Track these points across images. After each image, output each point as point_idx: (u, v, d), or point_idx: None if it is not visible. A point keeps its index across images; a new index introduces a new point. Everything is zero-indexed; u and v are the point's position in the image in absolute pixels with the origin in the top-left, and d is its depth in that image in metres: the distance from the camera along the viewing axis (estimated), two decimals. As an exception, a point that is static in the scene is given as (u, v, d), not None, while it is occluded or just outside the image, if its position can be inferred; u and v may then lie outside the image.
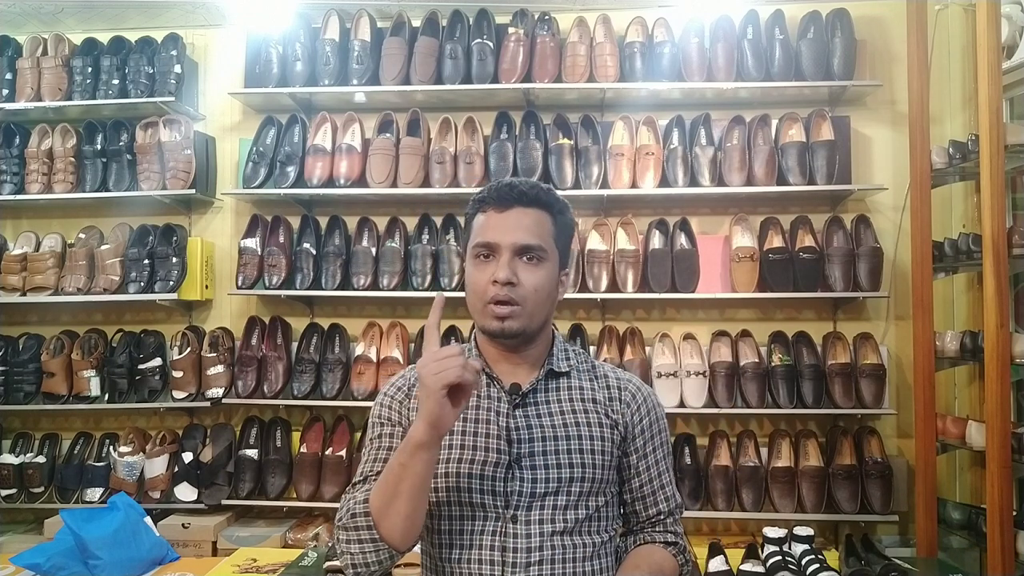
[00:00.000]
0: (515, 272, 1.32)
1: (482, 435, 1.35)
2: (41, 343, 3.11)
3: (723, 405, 2.79)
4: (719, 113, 2.97)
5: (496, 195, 1.37)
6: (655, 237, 2.94)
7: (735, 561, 2.48)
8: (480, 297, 1.34)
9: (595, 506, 1.36)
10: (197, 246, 3.07)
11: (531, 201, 1.36)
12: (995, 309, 2.31)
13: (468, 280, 1.38)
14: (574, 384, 1.42)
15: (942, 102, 2.96)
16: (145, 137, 3.07)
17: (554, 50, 2.92)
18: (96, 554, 2.35)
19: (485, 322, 1.34)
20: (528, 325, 1.34)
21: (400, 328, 2.99)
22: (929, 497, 2.63)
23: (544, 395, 1.39)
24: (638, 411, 1.42)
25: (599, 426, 1.38)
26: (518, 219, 1.35)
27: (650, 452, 1.43)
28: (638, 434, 1.42)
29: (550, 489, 1.32)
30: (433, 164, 2.92)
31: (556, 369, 1.41)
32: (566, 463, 1.34)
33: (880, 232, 2.89)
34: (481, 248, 1.35)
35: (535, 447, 1.34)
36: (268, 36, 3.03)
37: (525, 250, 1.33)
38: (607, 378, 1.44)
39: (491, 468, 1.33)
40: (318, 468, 2.91)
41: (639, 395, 1.43)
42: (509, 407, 1.37)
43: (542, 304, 1.35)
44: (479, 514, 1.33)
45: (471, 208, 1.42)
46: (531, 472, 1.32)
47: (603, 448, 1.37)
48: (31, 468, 2.99)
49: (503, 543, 1.31)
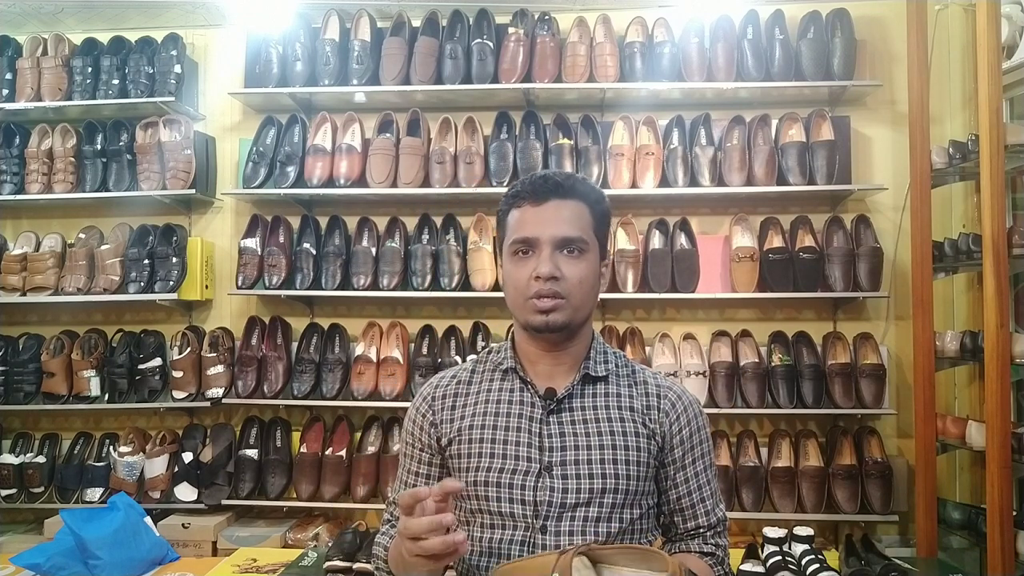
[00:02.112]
0: (557, 265, 1.27)
1: (513, 443, 1.30)
2: (41, 343, 3.11)
3: (723, 405, 2.79)
4: (719, 113, 2.97)
5: (531, 188, 1.31)
6: (655, 237, 2.94)
7: (735, 561, 2.48)
8: (522, 294, 1.29)
9: (629, 519, 1.30)
10: (197, 246, 3.07)
11: (568, 192, 1.31)
12: (995, 309, 2.31)
13: (507, 278, 1.33)
14: (611, 390, 1.36)
15: (942, 102, 2.96)
16: (145, 137, 3.07)
17: (554, 50, 2.91)
18: (96, 554, 2.35)
19: (528, 317, 1.29)
20: (573, 318, 1.30)
21: (400, 328, 2.99)
22: (929, 497, 2.63)
23: (580, 400, 1.34)
24: (677, 420, 1.35)
25: (635, 435, 1.32)
26: (556, 211, 1.30)
27: (689, 464, 1.36)
28: (676, 444, 1.34)
29: (581, 500, 1.27)
30: (433, 164, 2.92)
31: (593, 374, 1.35)
32: (599, 473, 1.28)
33: (880, 232, 2.89)
34: (520, 244, 1.30)
35: (567, 456, 1.29)
36: (268, 36, 3.03)
37: (566, 243, 1.29)
38: (647, 384, 1.37)
39: (520, 476, 1.28)
40: (318, 468, 2.91)
41: (679, 404, 1.36)
42: (543, 413, 1.32)
43: (587, 297, 1.31)
44: (508, 523, 1.29)
45: (504, 204, 1.36)
46: (562, 481, 1.27)
47: (639, 459, 1.31)
48: (31, 468, 2.99)
49: (532, 553, 1.26)
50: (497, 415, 1.33)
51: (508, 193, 1.36)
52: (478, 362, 1.43)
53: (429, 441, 1.38)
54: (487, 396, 1.36)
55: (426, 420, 1.39)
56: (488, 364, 1.41)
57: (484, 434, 1.32)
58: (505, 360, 1.38)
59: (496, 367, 1.39)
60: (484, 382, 1.39)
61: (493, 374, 1.39)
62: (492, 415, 1.34)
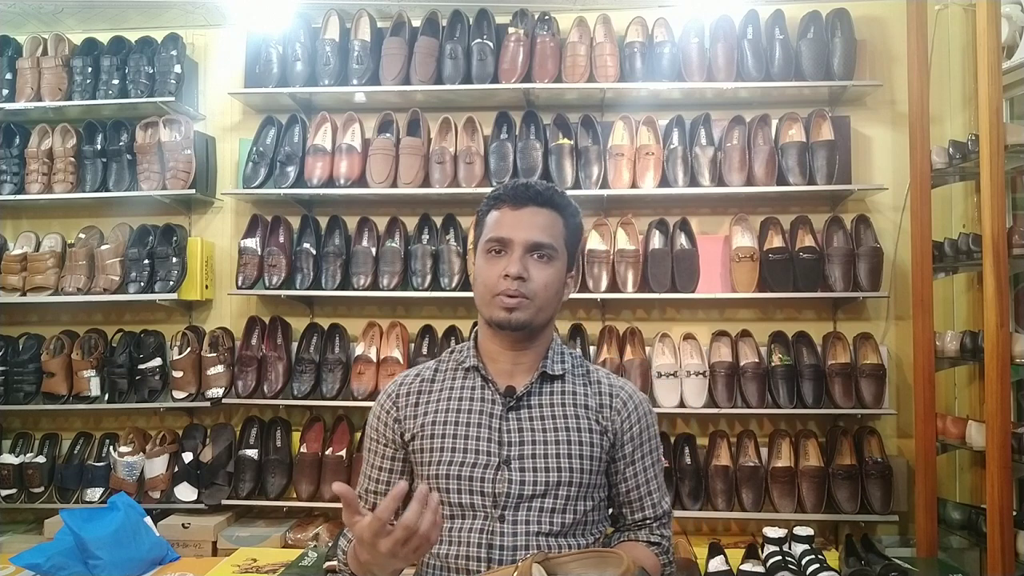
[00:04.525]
0: (526, 268, 1.36)
1: (473, 438, 1.38)
2: (41, 343, 3.11)
3: (723, 405, 2.79)
4: (719, 113, 2.97)
5: (512, 193, 1.40)
6: (655, 237, 2.94)
7: (735, 561, 2.48)
8: (490, 290, 1.37)
9: (583, 510, 1.39)
10: (197, 246, 3.07)
11: (545, 201, 1.40)
12: (995, 309, 2.31)
13: (478, 273, 1.42)
14: (567, 388, 1.44)
15: (942, 102, 2.96)
16: (145, 137, 3.07)
17: (554, 50, 2.92)
18: (96, 554, 2.35)
19: (493, 312, 1.37)
20: (535, 318, 1.38)
21: (400, 328, 2.99)
22: (929, 497, 2.63)
23: (538, 398, 1.42)
24: (628, 418, 1.44)
25: (589, 431, 1.41)
26: (532, 217, 1.39)
27: (638, 459, 1.45)
28: (627, 441, 1.44)
29: (538, 491, 1.35)
30: (433, 164, 2.92)
31: (550, 372, 1.43)
32: (554, 467, 1.36)
33: (880, 232, 2.89)
34: (494, 243, 1.39)
35: (525, 450, 1.37)
36: (268, 36, 3.03)
37: (537, 247, 1.37)
38: (600, 384, 1.47)
39: (480, 469, 1.36)
40: (318, 468, 2.91)
41: (630, 403, 1.46)
42: (503, 410, 1.40)
43: (550, 301, 1.39)
44: (468, 513, 1.36)
45: (485, 205, 1.45)
46: (520, 474, 1.35)
47: (592, 454, 1.40)
48: (31, 468, 2.99)
49: (489, 541, 1.34)
50: (459, 411, 1.41)
51: (490, 195, 1.45)
52: (442, 360, 1.51)
53: (393, 437, 1.45)
54: (449, 394, 1.44)
55: (390, 416, 1.46)
56: (451, 363, 1.49)
57: (446, 429, 1.39)
58: (468, 359, 1.45)
59: (459, 365, 1.47)
60: (447, 380, 1.46)
61: (456, 372, 1.47)
62: (454, 411, 1.41)
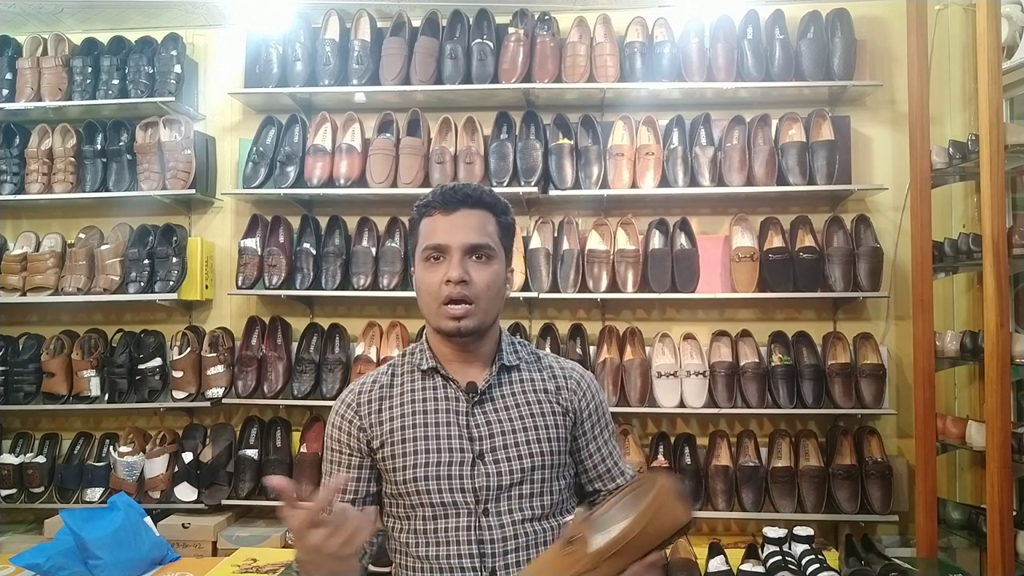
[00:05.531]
0: (467, 270, 1.37)
1: (444, 437, 1.40)
2: (41, 343, 3.11)
3: (723, 405, 2.79)
4: (719, 113, 2.97)
5: (442, 198, 1.41)
6: (655, 237, 2.94)
7: (735, 561, 2.48)
8: (434, 298, 1.38)
9: (558, 489, 1.44)
10: (197, 246, 3.07)
11: (476, 203, 1.42)
12: (995, 309, 2.31)
13: (419, 283, 1.42)
14: (525, 376, 1.48)
15: (942, 102, 2.96)
16: (145, 137, 3.07)
17: (554, 50, 2.92)
18: (96, 554, 2.35)
19: (440, 323, 1.39)
20: (483, 322, 1.40)
21: (400, 328, 2.99)
22: (929, 497, 2.63)
23: (499, 390, 1.45)
24: (584, 397, 1.50)
25: (552, 414, 1.45)
26: (465, 220, 1.40)
27: (599, 434, 1.52)
28: (586, 418, 1.50)
29: (515, 480, 1.39)
30: (433, 164, 2.92)
31: (507, 363, 1.47)
32: (527, 453, 1.40)
33: (880, 232, 2.89)
34: (432, 250, 1.40)
35: (496, 441, 1.40)
36: (268, 36, 3.03)
37: (475, 249, 1.39)
38: (552, 368, 1.52)
39: (457, 467, 1.38)
40: (318, 468, 2.90)
41: (583, 382, 1.52)
42: (468, 406, 1.42)
43: (494, 300, 1.42)
44: (451, 511, 1.38)
45: (416, 213, 1.45)
46: (495, 466, 1.38)
47: (559, 435, 1.45)
48: (31, 468, 2.99)
49: (479, 536, 1.37)
50: (425, 412, 1.42)
51: (419, 203, 1.45)
52: (395, 365, 1.51)
53: (359, 446, 1.45)
54: (412, 396, 1.45)
55: (353, 426, 1.45)
56: (406, 366, 1.49)
57: (416, 432, 1.41)
58: (424, 361, 1.46)
59: (415, 368, 1.48)
60: (406, 383, 1.47)
61: (413, 375, 1.47)
62: (420, 413, 1.42)
